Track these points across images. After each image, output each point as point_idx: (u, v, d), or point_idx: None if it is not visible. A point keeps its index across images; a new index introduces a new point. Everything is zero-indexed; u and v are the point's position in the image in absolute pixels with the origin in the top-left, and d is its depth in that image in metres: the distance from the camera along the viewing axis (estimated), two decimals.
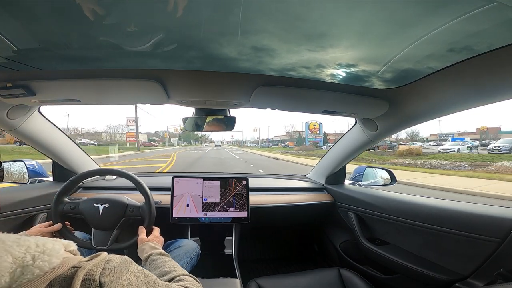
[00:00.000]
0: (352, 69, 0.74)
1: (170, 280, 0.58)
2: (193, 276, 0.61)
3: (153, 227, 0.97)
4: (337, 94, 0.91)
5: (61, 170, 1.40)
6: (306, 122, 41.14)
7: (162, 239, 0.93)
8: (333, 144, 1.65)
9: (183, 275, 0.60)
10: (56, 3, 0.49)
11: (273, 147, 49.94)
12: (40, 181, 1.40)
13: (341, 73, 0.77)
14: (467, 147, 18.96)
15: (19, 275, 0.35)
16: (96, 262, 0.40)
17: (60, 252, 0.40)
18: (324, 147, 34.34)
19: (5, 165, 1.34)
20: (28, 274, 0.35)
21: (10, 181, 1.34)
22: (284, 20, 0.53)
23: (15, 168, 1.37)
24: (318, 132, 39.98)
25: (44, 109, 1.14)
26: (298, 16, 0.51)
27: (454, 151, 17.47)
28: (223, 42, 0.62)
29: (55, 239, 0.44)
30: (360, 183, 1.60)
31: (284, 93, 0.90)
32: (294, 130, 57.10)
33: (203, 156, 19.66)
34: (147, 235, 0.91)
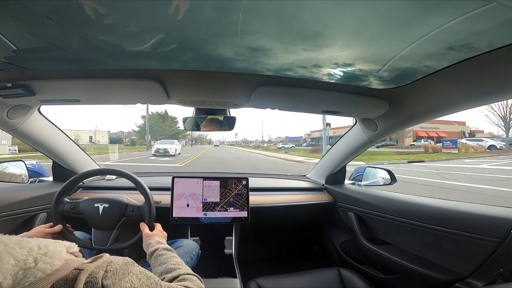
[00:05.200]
0: (349, 69, 0.73)
1: (174, 278, 0.58)
2: (198, 276, 0.61)
3: (155, 223, 0.97)
4: (337, 94, 0.91)
5: (61, 170, 1.40)
6: None
7: (165, 233, 0.93)
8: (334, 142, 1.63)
9: (188, 274, 0.60)
10: (56, 3, 0.49)
11: None
12: (40, 181, 1.40)
13: (338, 72, 0.77)
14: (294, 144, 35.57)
15: (22, 278, 0.34)
16: (99, 264, 0.40)
17: (62, 254, 0.40)
18: None
19: (5, 164, 1.35)
20: (31, 276, 0.35)
21: (10, 181, 1.34)
22: (279, 20, 0.53)
23: (15, 168, 1.37)
24: None
25: (45, 109, 1.14)
26: (292, 15, 0.51)
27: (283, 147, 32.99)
28: (220, 43, 0.62)
29: (57, 240, 0.44)
30: (360, 183, 1.60)
31: (284, 93, 0.90)
32: None
33: None
34: (150, 231, 0.91)
